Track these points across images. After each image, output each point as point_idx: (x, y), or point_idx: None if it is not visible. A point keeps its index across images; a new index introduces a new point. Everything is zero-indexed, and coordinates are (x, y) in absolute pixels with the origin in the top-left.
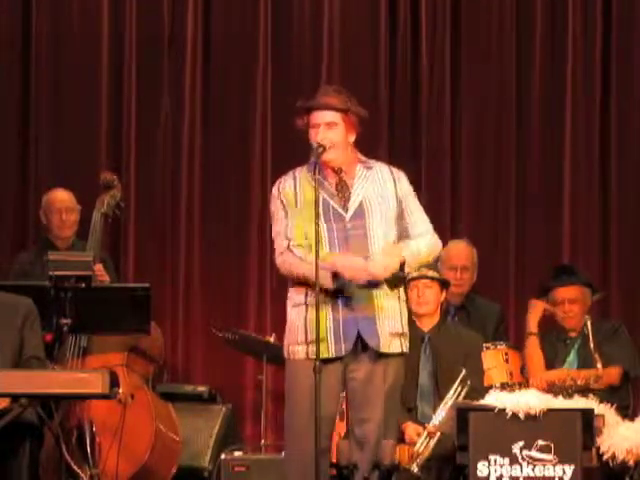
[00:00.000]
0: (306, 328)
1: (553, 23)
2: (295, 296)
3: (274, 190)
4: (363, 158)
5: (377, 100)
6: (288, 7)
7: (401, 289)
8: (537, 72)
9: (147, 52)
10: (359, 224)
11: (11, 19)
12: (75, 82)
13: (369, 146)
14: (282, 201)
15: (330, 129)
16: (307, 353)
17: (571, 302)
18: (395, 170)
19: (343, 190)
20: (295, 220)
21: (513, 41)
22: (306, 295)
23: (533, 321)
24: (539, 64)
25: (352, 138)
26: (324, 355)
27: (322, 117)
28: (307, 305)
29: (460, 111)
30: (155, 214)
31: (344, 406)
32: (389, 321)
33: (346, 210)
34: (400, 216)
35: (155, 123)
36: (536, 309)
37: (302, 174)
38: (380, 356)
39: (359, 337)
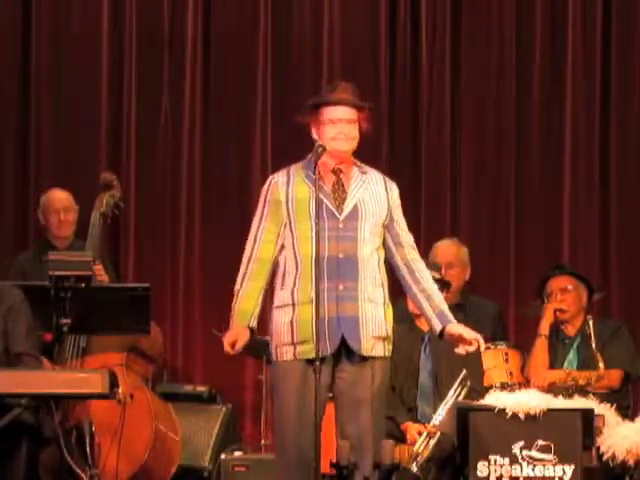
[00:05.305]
0: (292, 329)
1: (553, 22)
2: (280, 295)
3: (265, 185)
4: (358, 162)
5: (377, 100)
6: (288, 7)
7: (386, 292)
8: (537, 72)
9: (147, 52)
10: (351, 226)
11: (11, 19)
12: (75, 82)
13: (369, 146)
14: (266, 198)
15: (350, 125)
16: (295, 354)
17: (563, 292)
18: (388, 180)
19: (339, 191)
20: (267, 223)
21: (513, 41)
22: (292, 294)
23: (545, 324)
24: (539, 64)
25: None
26: (309, 356)
27: (344, 113)
28: (294, 305)
29: (460, 111)
30: (155, 214)
31: None
32: (374, 324)
33: (340, 211)
34: (389, 225)
35: (155, 123)
36: (549, 313)
37: (297, 172)
38: (366, 358)
39: (343, 339)
